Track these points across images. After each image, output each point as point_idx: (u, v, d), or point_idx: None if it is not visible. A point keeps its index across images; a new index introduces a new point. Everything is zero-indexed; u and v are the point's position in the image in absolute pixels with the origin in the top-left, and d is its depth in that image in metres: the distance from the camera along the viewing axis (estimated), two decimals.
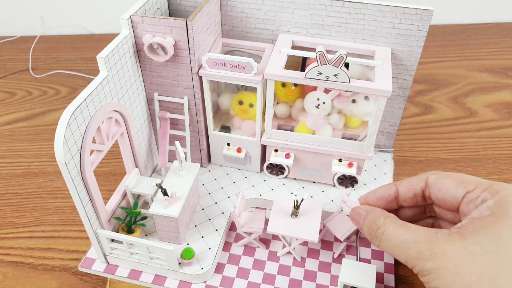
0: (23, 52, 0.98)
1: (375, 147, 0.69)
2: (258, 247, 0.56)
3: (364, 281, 0.49)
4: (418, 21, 0.54)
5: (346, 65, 0.55)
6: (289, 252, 0.56)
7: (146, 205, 0.59)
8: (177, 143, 0.54)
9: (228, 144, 0.62)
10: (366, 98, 0.58)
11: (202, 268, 0.52)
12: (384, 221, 0.43)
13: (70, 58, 0.96)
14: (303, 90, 0.60)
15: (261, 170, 0.65)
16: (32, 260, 0.57)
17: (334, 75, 0.50)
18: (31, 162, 0.70)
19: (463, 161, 0.70)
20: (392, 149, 0.69)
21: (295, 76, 0.52)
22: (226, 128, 0.64)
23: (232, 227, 0.59)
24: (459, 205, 0.44)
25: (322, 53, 0.48)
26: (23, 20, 1.04)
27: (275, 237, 0.58)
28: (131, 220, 0.54)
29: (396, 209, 0.50)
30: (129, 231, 0.54)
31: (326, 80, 0.50)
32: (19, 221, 0.61)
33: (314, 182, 0.64)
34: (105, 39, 0.49)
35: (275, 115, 0.63)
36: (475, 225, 0.39)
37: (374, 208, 0.47)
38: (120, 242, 0.52)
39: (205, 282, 0.53)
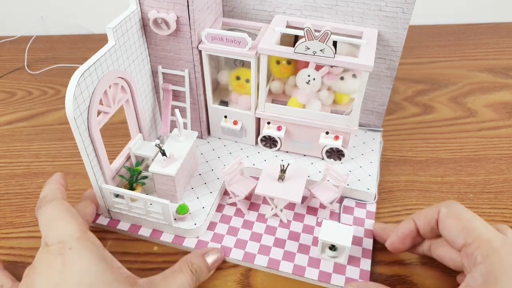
0: (23, 52, 0.97)
1: (365, 126, 0.73)
2: (241, 209, 0.61)
3: (341, 239, 0.53)
4: (403, 4, 0.58)
5: (335, 43, 0.60)
6: (276, 215, 0.61)
7: (148, 168, 0.65)
8: (177, 111, 0.59)
9: (225, 117, 0.67)
10: (354, 76, 0.62)
11: (195, 224, 0.57)
12: None
13: (70, 58, 0.95)
14: (296, 68, 0.64)
15: (256, 143, 0.70)
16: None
17: (320, 50, 0.54)
18: (31, 162, 0.70)
19: (463, 161, 0.70)
20: (382, 129, 0.73)
21: (285, 51, 0.56)
22: (224, 103, 0.69)
23: (226, 192, 0.64)
24: (460, 251, 0.45)
25: (309, 28, 0.53)
26: (23, 20, 1.03)
27: (265, 201, 0.63)
28: (132, 178, 0.59)
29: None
30: (131, 188, 0.60)
31: (313, 55, 0.55)
32: (19, 221, 0.61)
33: (304, 155, 0.69)
34: (105, 39, 0.49)
35: (270, 91, 0.68)
36: None
37: (368, 284, 0.49)
38: (123, 199, 0.57)
39: (197, 237, 0.58)
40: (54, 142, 0.74)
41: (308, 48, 0.55)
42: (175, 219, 0.58)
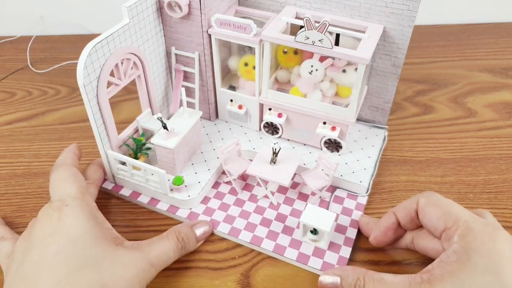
0: (23, 52, 0.97)
1: (369, 122, 0.74)
2: (235, 188, 0.64)
3: (322, 223, 0.55)
4: (408, 1, 0.59)
5: (338, 36, 0.61)
6: (267, 197, 0.63)
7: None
8: (182, 89, 0.63)
9: (231, 100, 0.71)
10: (356, 69, 0.63)
11: (189, 196, 0.61)
12: (364, 282, 0.46)
13: (70, 58, 0.95)
14: (302, 58, 0.67)
15: (260, 129, 0.73)
16: None
17: (319, 40, 0.56)
18: (31, 162, 0.70)
19: (463, 161, 0.70)
20: (387, 126, 0.74)
21: (287, 39, 0.59)
22: (233, 88, 0.73)
23: (224, 171, 0.67)
24: (441, 237, 0.47)
25: (308, 19, 0.55)
26: (23, 20, 1.02)
27: (259, 184, 0.65)
28: (137, 148, 0.64)
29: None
30: (135, 158, 0.64)
31: (312, 44, 0.57)
32: (19, 221, 0.61)
33: (304, 145, 0.71)
34: None
35: (276, 80, 0.70)
36: (442, 271, 0.43)
37: (344, 268, 0.49)
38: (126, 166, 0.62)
39: (190, 208, 0.62)
40: (54, 142, 0.74)
41: (308, 38, 0.57)
42: (171, 189, 0.62)
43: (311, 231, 0.56)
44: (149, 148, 0.65)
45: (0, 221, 0.58)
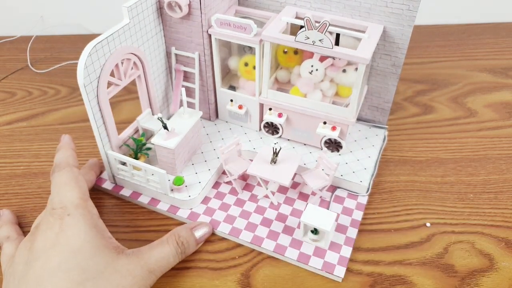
0: (23, 52, 0.97)
1: (370, 122, 0.74)
2: (236, 188, 0.64)
3: (322, 223, 0.55)
4: (408, 1, 0.59)
5: (338, 36, 0.61)
6: (267, 197, 0.63)
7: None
8: (182, 90, 0.63)
9: (231, 100, 0.71)
10: (357, 69, 0.63)
11: (189, 196, 0.61)
12: None
13: (70, 58, 0.95)
14: (302, 58, 0.67)
15: (260, 129, 0.73)
16: None
17: (319, 40, 0.56)
18: (31, 162, 0.70)
19: (463, 161, 0.71)
20: (387, 126, 0.74)
21: (287, 39, 0.59)
22: (233, 88, 0.73)
23: (224, 171, 0.67)
24: None
25: (309, 18, 0.55)
26: (23, 20, 1.02)
27: (260, 184, 0.66)
28: (137, 148, 0.64)
29: None
30: (135, 158, 0.64)
31: (313, 44, 0.57)
32: (19, 221, 0.61)
33: (305, 145, 0.71)
34: None
35: (277, 80, 0.70)
36: None
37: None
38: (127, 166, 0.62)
39: (191, 209, 0.62)
40: (54, 142, 0.73)
41: (308, 38, 0.57)
42: (172, 190, 0.62)
43: (312, 231, 0.56)
44: (149, 148, 0.65)
45: (11, 219, 0.58)
